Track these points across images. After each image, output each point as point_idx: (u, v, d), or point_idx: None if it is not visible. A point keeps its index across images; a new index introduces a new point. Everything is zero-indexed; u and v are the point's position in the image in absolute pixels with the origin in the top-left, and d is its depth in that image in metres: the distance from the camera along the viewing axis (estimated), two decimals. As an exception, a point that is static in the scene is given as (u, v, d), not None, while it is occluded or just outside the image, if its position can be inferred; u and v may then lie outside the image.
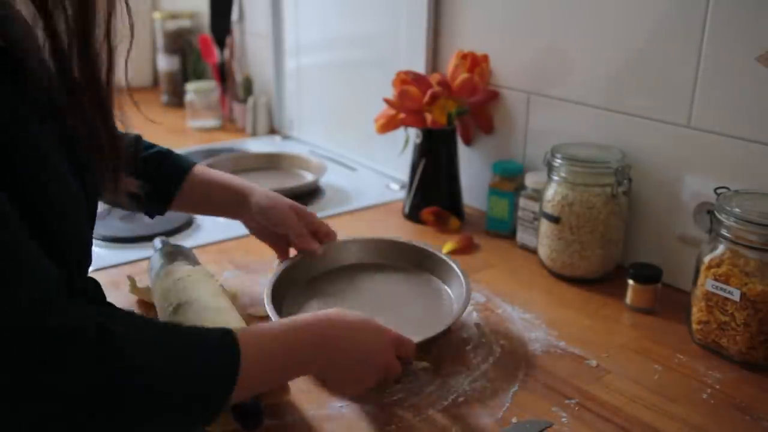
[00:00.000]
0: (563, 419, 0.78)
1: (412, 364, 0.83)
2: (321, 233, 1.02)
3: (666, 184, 1.08)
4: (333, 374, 0.74)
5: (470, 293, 0.94)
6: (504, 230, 1.27)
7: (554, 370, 0.87)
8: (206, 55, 2.08)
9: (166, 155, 0.98)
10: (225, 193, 1.00)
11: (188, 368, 0.58)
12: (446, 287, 1.01)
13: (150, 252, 1.05)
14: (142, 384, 0.54)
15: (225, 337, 0.62)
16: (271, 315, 0.87)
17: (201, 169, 1.00)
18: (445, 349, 0.91)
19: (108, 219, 1.27)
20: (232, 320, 0.83)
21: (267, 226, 0.99)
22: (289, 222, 0.98)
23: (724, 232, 0.89)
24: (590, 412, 0.80)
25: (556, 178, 1.09)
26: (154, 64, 2.41)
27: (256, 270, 1.12)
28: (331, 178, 1.57)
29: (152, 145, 0.98)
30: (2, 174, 0.54)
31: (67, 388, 0.51)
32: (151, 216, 1.00)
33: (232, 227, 1.13)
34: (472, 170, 1.39)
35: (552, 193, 1.09)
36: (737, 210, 0.87)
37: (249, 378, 0.61)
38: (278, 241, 1.02)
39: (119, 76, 0.65)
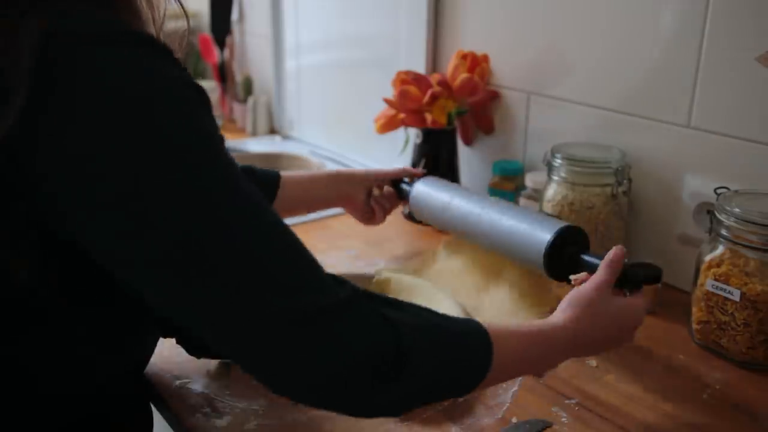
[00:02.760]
0: (563, 419, 0.78)
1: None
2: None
3: (666, 184, 1.08)
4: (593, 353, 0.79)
5: None
6: (504, 230, 1.27)
7: (554, 370, 0.87)
8: (206, 55, 2.08)
9: (250, 170, 1.01)
10: (321, 180, 1.09)
11: (453, 369, 0.62)
12: None
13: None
14: (418, 385, 0.59)
15: (481, 333, 0.64)
16: None
17: (285, 174, 1.06)
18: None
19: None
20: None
21: (373, 182, 1.10)
22: (385, 169, 1.13)
23: (724, 232, 0.89)
24: (590, 412, 0.80)
25: (556, 178, 1.09)
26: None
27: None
28: (331, 178, 1.56)
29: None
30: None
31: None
32: None
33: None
34: (472, 170, 1.39)
35: (552, 193, 1.09)
36: (737, 210, 0.87)
37: (496, 375, 0.64)
38: (368, 213, 1.13)
39: None
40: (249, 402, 0.80)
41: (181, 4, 0.66)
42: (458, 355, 0.62)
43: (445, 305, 0.93)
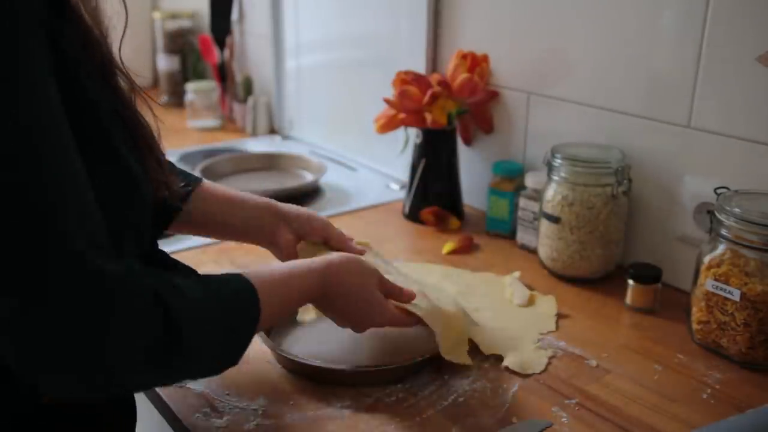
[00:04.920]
0: (563, 419, 0.78)
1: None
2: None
3: (666, 184, 1.08)
4: (331, 312, 0.82)
5: None
6: (504, 230, 1.27)
7: (554, 370, 0.87)
8: (206, 55, 2.08)
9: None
10: (248, 204, 0.91)
11: (225, 325, 0.65)
12: None
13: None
14: (187, 345, 0.59)
15: (249, 288, 0.68)
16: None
17: (208, 184, 0.91)
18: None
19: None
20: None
21: (305, 234, 0.91)
22: (329, 227, 0.93)
23: (724, 232, 0.89)
24: (590, 412, 0.80)
25: (556, 178, 1.09)
26: (154, 64, 2.41)
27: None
28: (331, 178, 1.57)
29: None
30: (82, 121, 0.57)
31: (119, 344, 0.54)
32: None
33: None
34: (472, 170, 1.39)
35: (552, 193, 1.09)
36: (737, 210, 0.87)
37: (263, 322, 0.69)
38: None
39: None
40: (249, 402, 0.80)
41: None
42: (230, 319, 0.66)
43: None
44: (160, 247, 0.80)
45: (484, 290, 1.07)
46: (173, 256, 1.10)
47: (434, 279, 1.08)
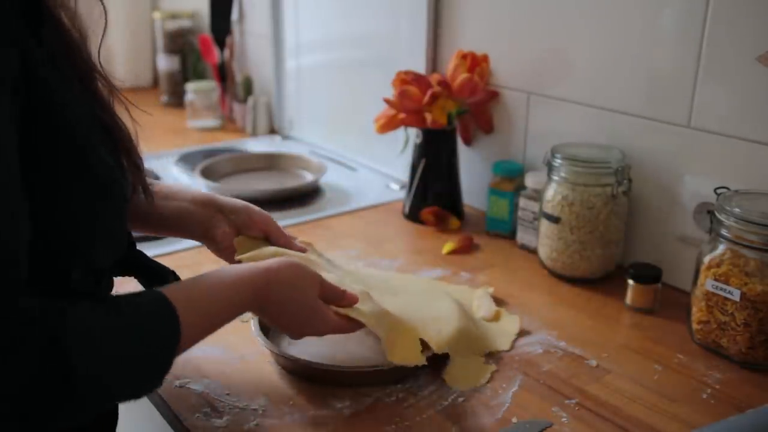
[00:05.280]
0: (563, 419, 0.78)
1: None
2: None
3: (666, 184, 1.08)
4: (269, 321, 0.77)
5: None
6: (504, 230, 1.27)
7: (554, 370, 0.87)
8: (206, 55, 2.08)
9: None
10: (181, 195, 0.87)
11: (134, 355, 0.59)
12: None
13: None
14: (90, 383, 0.55)
15: (165, 310, 0.63)
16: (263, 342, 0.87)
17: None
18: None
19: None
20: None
21: (244, 227, 0.87)
22: (272, 222, 0.90)
23: (724, 232, 0.89)
24: (590, 412, 0.80)
25: (556, 178, 1.09)
26: (154, 64, 2.41)
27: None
28: (331, 178, 1.57)
29: None
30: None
31: (7, 383, 0.51)
32: None
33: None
34: (472, 170, 1.39)
35: (552, 193, 1.09)
36: (737, 210, 0.87)
37: (186, 341, 0.64)
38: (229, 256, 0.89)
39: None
40: (249, 402, 0.80)
41: None
42: (144, 346, 0.60)
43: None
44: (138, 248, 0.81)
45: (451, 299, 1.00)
46: (171, 256, 1.10)
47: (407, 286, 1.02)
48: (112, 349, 0.57)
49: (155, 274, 0.83)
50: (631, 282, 1.02)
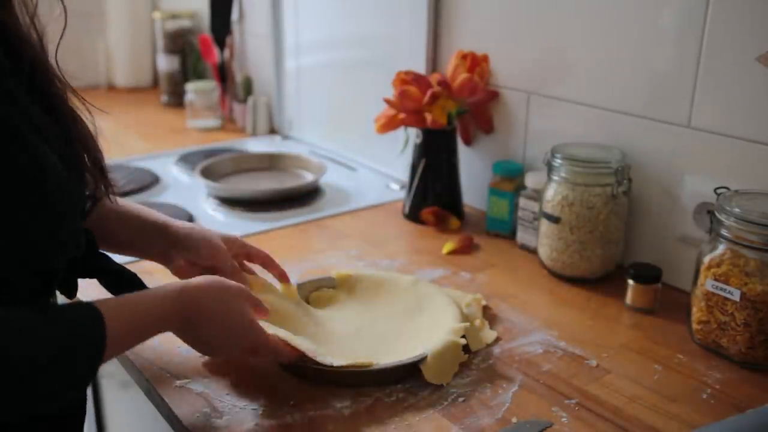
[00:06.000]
0: (563, 419, 0.78)
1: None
2: (259, 260, 0.95)
3: (666, 184, 1.08)
4: (190, 339, 0.75)
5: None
6: (504, 230, 1.27)
7: (554, 370, 0.87)
8: (206, 55, 2.08)
9: None
10: (139, 222, 0.87)
11: (62, 354, 0.60)
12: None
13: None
14: (9, 376, 0.56)
15: (92, 316, 0.63)
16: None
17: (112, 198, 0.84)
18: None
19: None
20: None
21: (196, 260, 0.88)
22: (221, 254, 0.88)
23: (724, 232, 0.89)
24: (590, 412, 0.80)
25: (556, 178, 1.09)
26: (154, 64, 2.41)
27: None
28: (331, 178, 1.57)
29: None
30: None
31: None
32: None
33: (231, 228, 1.13)
34: (472, 170, 1.39)
35: (552, 193, 1.09)
36: (737, 210, 0.87)
37: (111, 350, 0.64)
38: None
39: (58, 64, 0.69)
40: (249, 402, 0.80)
41: None
42: (69, 351, 0.60)
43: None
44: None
45: (436, 306, 0.97)
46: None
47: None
48: (36, 349, 0.58)
49: (118, 278, 0.83)
50: (631, 282, 1.02)
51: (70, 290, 0.77)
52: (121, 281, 0.83)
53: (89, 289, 0.82)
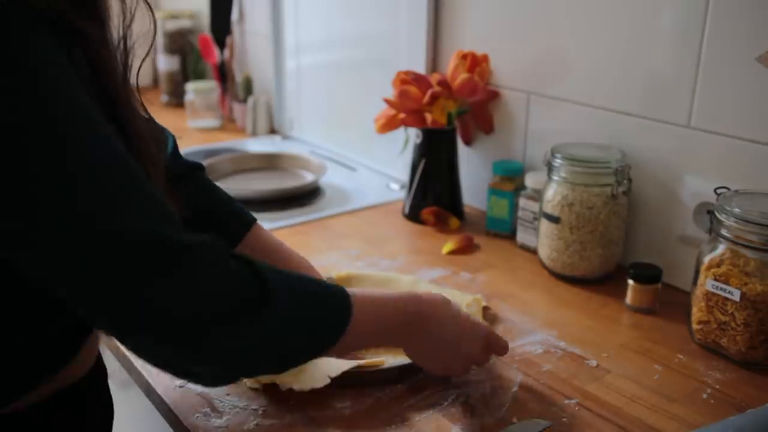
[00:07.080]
0: (563, 419, 0.78)
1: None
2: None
3: (666, 184, 1.08)
4: (418, 354, 0.77)
5: None
6: (504, 230, 1.27)
7: (554, 370, 0.87)
8: (206, 55, 2.08)
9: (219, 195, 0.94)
10: (289, 263, 0.91)
11: (312, 321, 0.65)
12: None
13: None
14: (280, 305, 0.61)
15: (343, 295, 0.68)
16: None
17: (259, 228, 0.90)
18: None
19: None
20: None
21: None
22: None
23: (724, 232, 0.89)
24: (590, 412, 0.80)
25: (556, 178, 1.09)
26: (154, 64, 2.41)
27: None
28: (331, 178, 1.57)
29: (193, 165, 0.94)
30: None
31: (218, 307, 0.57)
32: None
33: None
34: (472, 170, 1.39)
35: (552, 193, 1.09)
36: (737, 210, 0.87)
37: (353, 334, 0.68)
38: None
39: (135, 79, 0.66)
40: (249, 402, 0.80)
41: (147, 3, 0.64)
42: (318, 310, 0.65)
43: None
44: None
45: None
46: None
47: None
48: (297, 292, 0.64)
49: None
50: (631, 282, 1.02)
51: None
52: None
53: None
